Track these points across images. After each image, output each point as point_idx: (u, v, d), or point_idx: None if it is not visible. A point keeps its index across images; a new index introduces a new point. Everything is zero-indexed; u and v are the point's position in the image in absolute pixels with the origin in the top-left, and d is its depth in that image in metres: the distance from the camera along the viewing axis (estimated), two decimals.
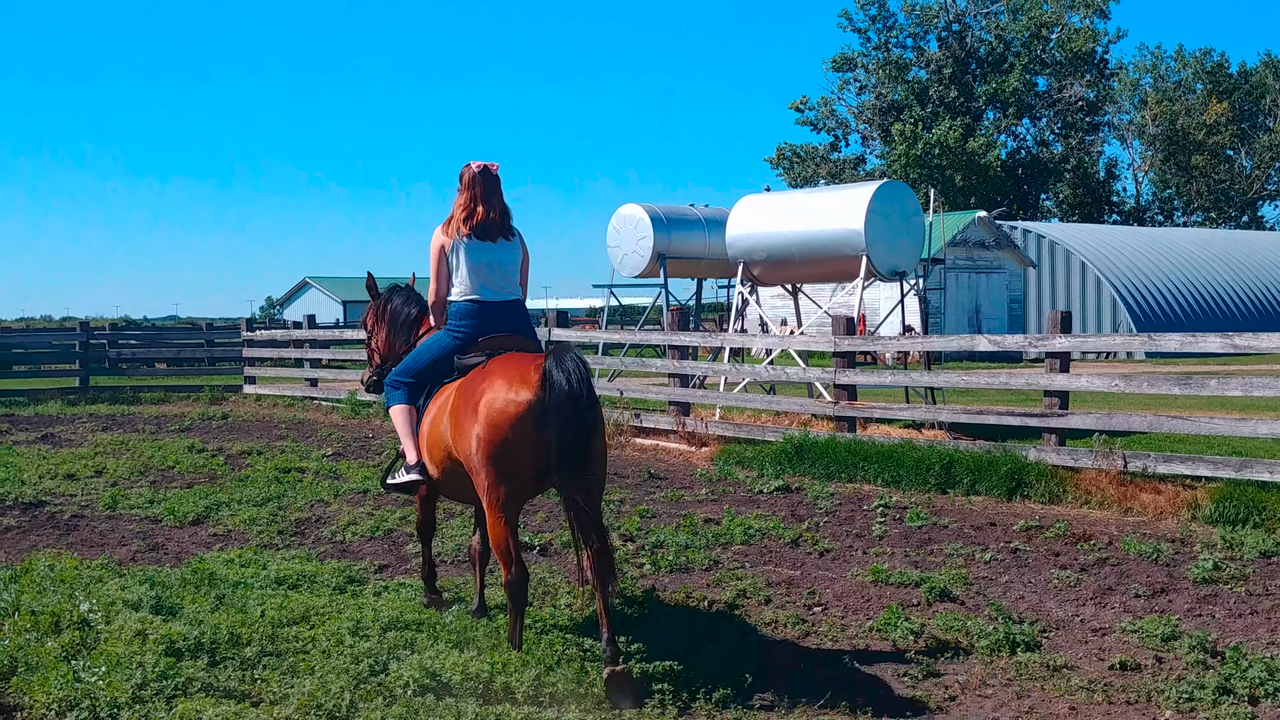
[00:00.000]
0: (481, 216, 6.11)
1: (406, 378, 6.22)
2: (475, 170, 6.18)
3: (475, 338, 6.04)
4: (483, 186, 6.15)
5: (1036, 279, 40.05)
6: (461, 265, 6.10)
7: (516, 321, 6.17)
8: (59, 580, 6.88)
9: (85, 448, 14.45)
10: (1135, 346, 10.65)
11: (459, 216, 6.15)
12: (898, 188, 16.68)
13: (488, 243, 6.11)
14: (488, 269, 6.10)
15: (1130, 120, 72.15)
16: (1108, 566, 7.71)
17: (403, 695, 5.04)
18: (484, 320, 6.07)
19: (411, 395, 6.16)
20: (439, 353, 6.14)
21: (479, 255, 6.09)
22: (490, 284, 6.11)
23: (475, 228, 6.10)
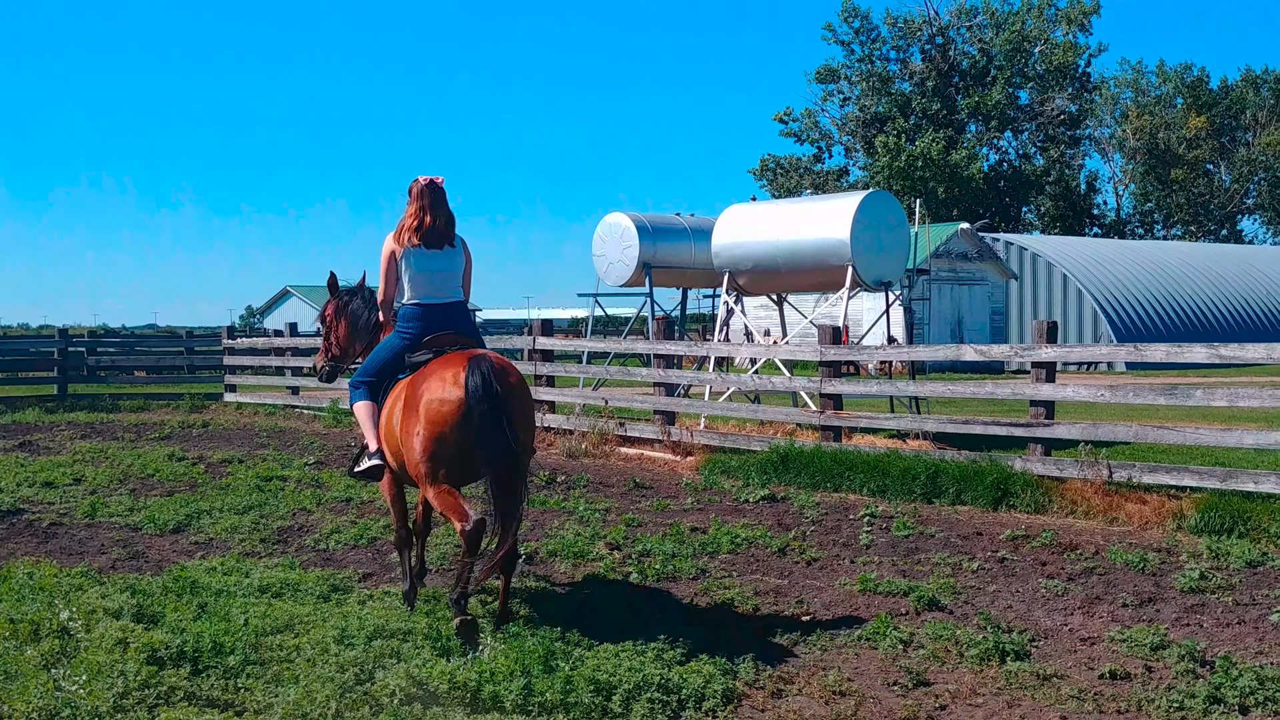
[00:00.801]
0: (429, 226, 6.64)
1: (367, 377, 6.82)
2: (423, 183, 6.71)
3: (421, 337, 6.62)
4: (430, 198, 6.68)
5: (1018, 290, 40.25)
6: (410, 271, 6.63)
7: (459, 321, 6.74)
8: (38, 588, 6.78)
9: (64, 455, 14.31)
10: (1121, 357, 10.65)
11: (409, 226, 6.66)
12: (883, 198, 16.71)
13: (434, 250, 6.66)
14: (434, 275, 6.66)
15: (1111, 134, 72.76)
16: (1095, 576, 7.70)
17: (389, 704, 4.98)
18: (429, 322, 6.65)
19: (371, 392, 6.77)
20: (391, 353, 6.73)
21: (426, 263, 6.64)
22: (435, 289, 6.68)
23: (423, 237, 6.64)
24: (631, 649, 5.75)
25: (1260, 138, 70.16)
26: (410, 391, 6.28)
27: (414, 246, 6.63)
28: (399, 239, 6.67)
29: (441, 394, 6.02)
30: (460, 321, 6.74)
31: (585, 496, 11.02)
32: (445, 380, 6.06)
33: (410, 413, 6.17)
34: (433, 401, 6.03)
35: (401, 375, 6.62)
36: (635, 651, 5.72)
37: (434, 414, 6.01)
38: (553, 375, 16.28)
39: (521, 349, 17.15)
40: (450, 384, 6.03)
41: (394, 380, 6.67)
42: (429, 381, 6.16)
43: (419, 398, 6.12)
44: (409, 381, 6.42)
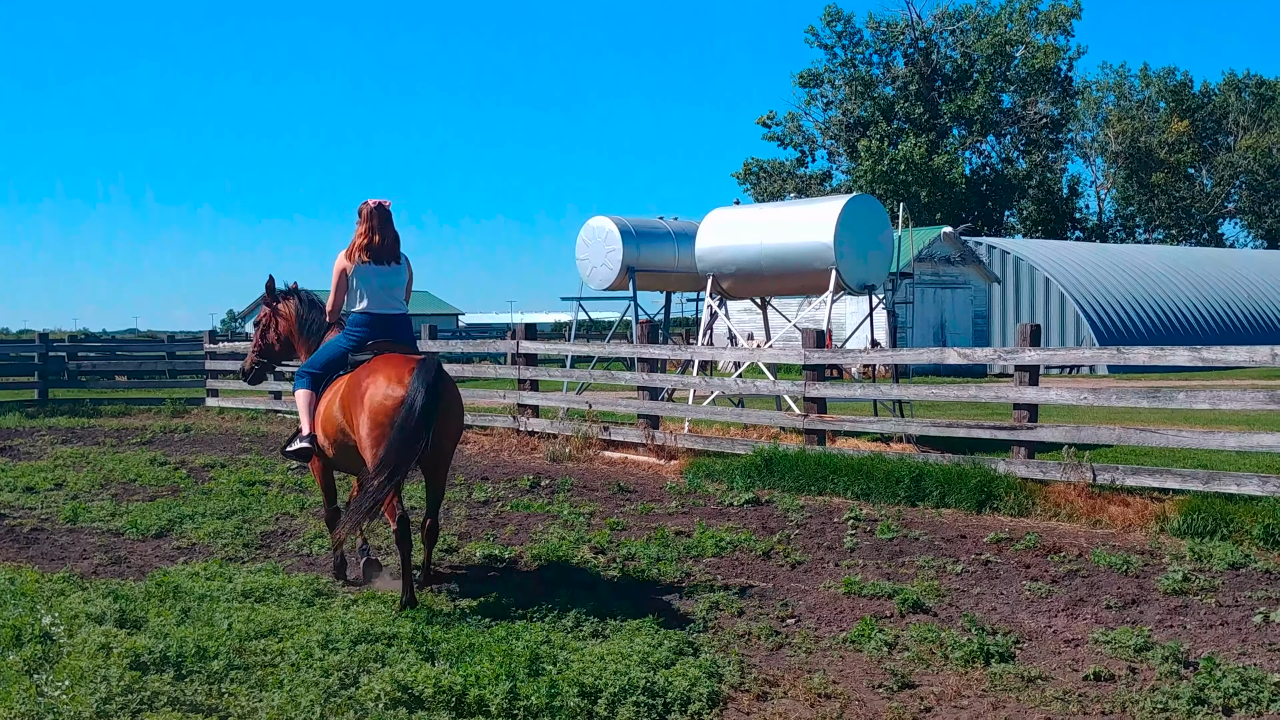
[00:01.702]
0: (378, 244, 7.42)
1: (314, 369, 7.61)
2: (373, 206, 7.47)
3: (366, 341, 7.42)
4: (379, 220, 7.45)
5: (1001, 294, 40.41)
6: (359, 285, 7.42)
7: (400, 330, 7.55)
8: (20, 593, 6.73)
9: (45, 460, 14.21)
10: (1104, 360, 10.72)
11: (359, 244, 7.41)
12: (867, 202, 16.75)
13: (381, 267, 7.43)
14: (380, 289, 7.44)
15: (1093, 138, 73.15)
16: (1078, 578, 7.73)
17: (374, 709, 4.96)
18: (374, 329, 7.44)
19: (314, 384, 7.54)
20: (337, 352, 7.54)
21: (374, 278, 7.43)
22: (382, 302, 7.46)
23: (373, 254, 7.40)
24: (617, 652, 5.75)
25: (1241, 142, 70.66)
26: (353, 387, 7.03)
27: (364, 263, 7.39)
28: (350, 256, 7.42)
29: (385, 388, 6.79)
30: (401, 331, 7.54)
31: (569, 500, 11.01)
32: (389, 376, 6.84)
33: (357, 406, 6.91)
34: (376, 392, 6.81)
35: (342, 372, 7.39)
36: (621, 654, 5.71)
37: (378, 407, 6.76)
38: (536, 379, 16.25)
39: (505, 353, 17.12)
40: (393, 380, 6.79)
41: (335, 375, 7.44)
42: (375, 375, 6.92)
43: (364, 389, 6.89)
44: (350, 378, 7.18)
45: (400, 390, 6.71)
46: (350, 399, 7.01)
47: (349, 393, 7.06)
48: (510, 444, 15.26)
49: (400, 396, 6.69)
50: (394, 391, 6.73)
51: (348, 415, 7.03)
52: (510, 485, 12.03)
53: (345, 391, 7.13)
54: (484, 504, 10.90)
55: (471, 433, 16.23)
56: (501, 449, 15.12)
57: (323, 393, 7.47)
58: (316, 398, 7.50)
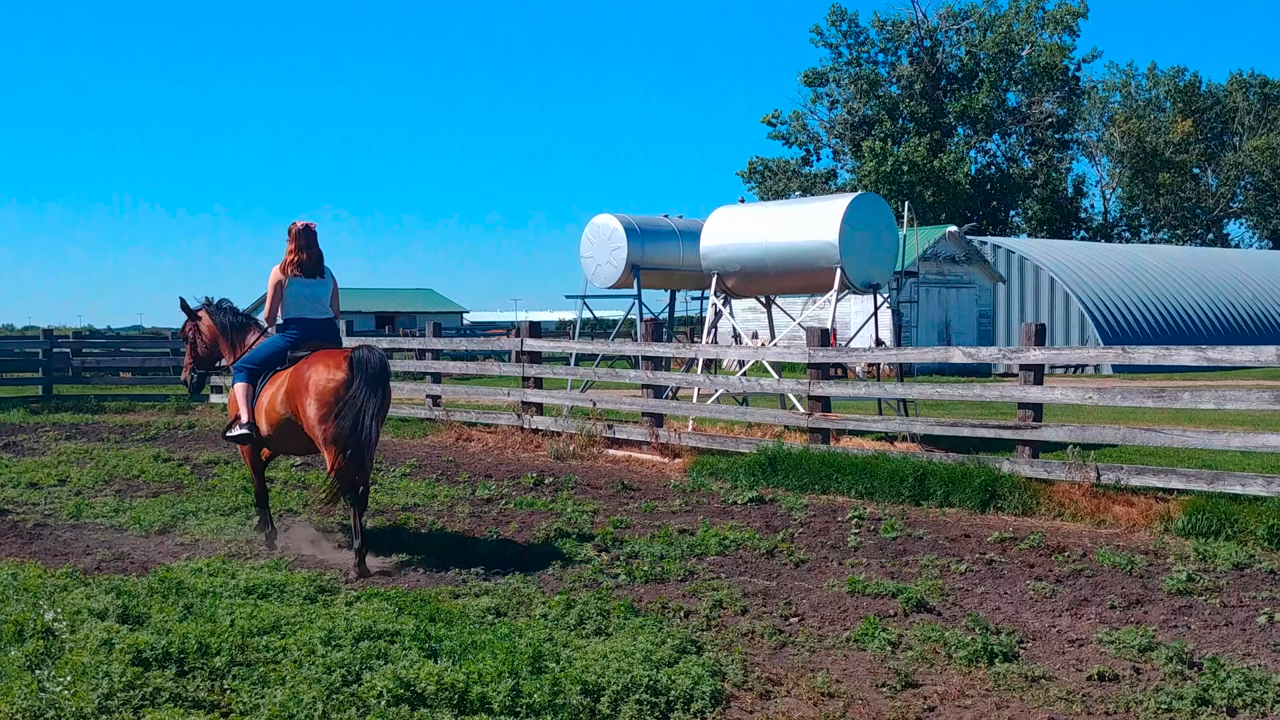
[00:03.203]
0: (305, 261, 8.65)
1: (251, 365, 8.65)
2: (300, 227, 8.70)
3: (300, 342, 8.57)
4: (305, 239, 8.70)
5: (1005, 294, 40.36)
6: (291, 295, 8.67)
7: (327, 333, 8.80)
8: (22, 589, 6.73)
9: (49, 456, 14.23)
10: (1109, 360, 10.69)
11: (290, 260, 8.65)
12: (872, 200, 16.72)
13: (310, 280, 8.68)
14: (308, 298, 8.70)
15: (1099, 137, 73.01)
16: (1082, 578, 7.71)
17: (376, 706, 4.95)
18: (305, 332, 8.65)
19: (251, 378, 8.61)
20: (274, 350, 8.64)
21: (303, 289, 8.68)
22: (310, 309, 8.71)
23: (302, 269, 8.63)
24: (620, 650, 5.74)
25: (1247, 142, 70.51)
26: (298, 374, 8.15)
27: (295, 276, 8.62)
28: (284, 271, 8.64)
29: (329, 373, 7.93)
30: (328, 334, 8.81)
31: (573, 498, 11.00)
32: (331, 365, 7.98)
33: (300, 390, 8.03)
34: (320, 378, 7.94)
35: (279, 368, 8.49)
36: (624, 652, 5.70)
37: (322, 388, 7.90)
38: (540, 377, 16.25)
39: (509, 351, 17.12)
40: (335, 367, 7.93)
41: (272, 371, 8.55)
42: (316, 366, 8.05)
43: (309, 377, 8.02)
44: (292, 371, 8.28)
45: (341, 374, 7.86)
46: (295, 388, 8.12)
47: (293, 383, 8.17)
48: (514, 441, 15.26)
49: (342, 379, 7.84)
50: (337, 375, 7.87)
51: (293, 402, 8.12)
52: (514, 483, 12.02)
53: (289, 383, 8.23)
54: (487, 501, 10.90)
55: (475, 430, 16.23)
56: (505, 446, 15.12)
57: (262, 386, 8.56)
58: (254, 390, 8.57)
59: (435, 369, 17.97)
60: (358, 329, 59.15)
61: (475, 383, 23.74)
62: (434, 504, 10.70)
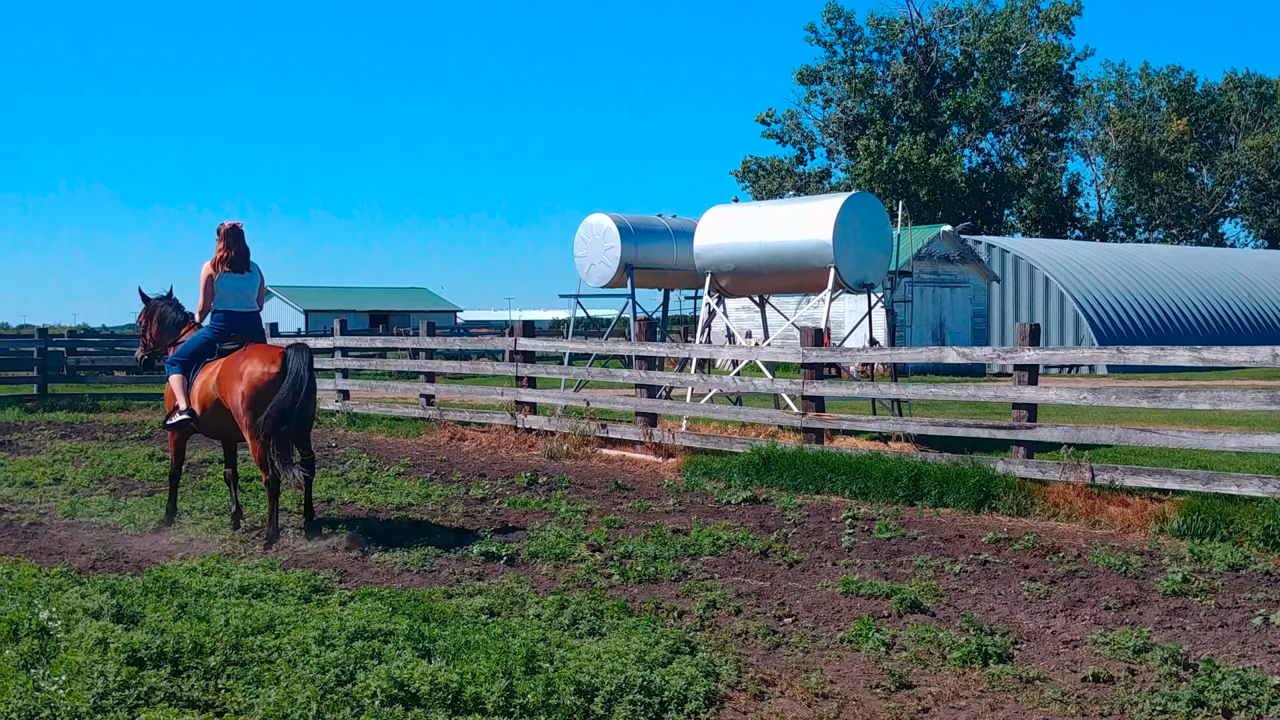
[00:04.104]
0: (233, 257, 9.37)
1: (182, 358, 9.40)
2: (228, 227, 9.41)
3: (227, 334, 9.33)
4: (233, 238, 9.40)
5: (1000, 293, 40.41)
6: (220, 289, 9.33)
7: (253, 326, 9.52)
8: (17, 588, 6.72)
9: (44, 455, 14.20)
10: (1104, 360, 10.70)
11: (220, 257, 9.35)
12: (866, 200, 16.73)
13: (236, 274, 9.37)
14: (236, 292, 9.40)
15: (1093, 137, 73.10)
16: (1077, 579, 7.72)
17: (370, 706, 4.94)
18: (231, 324, 9.37)
19: (184, 370, 9.34)
20: (203, 342, 9.37)
21: (230, 283, 9.37)
22: (237, 302, 9.41)
23: (230, 265, 9.35)
24: (614, 650, 5.74)
25: (1243, 141, 70.64)
26: (232, 365, 8.88)
27: (225, 272, 9.31)
28: (215, 267, 9.32)
29: (262, 366, 8.67)
30: (253, 325, 9.52)
31: (567, 498, 11.00)
32: (265, 359, 8.73)
33: (233, 379, 8.75)
34: (253, 370, 8.67)
35: (209, 359, 9.24)
36: (617, 653, 5.70)
37: (255, 379, 8.62)
38: (534, 376, 16.24)
39: (503, 350, 17.11)
40: (268, 362, 8.68)
41: (203, 362, 9.26)
42: (250, 359, 8.79)
43: (242, 369, 8.73)
44: (224, 362, 9.01)
45: (275, 368, 8.61)
46: (228, 377, 8.82)
47: (226, 373, 8.88)
48: (508, 441, 15.25)
49: (275, 373, 8.59)
50: (270, 369, 8.63)
51: (224, 390, 8.84)
52: (508, 482, 12.02)
53: (222, 372, 8.93)
54: (481, 501, 10.89)
55: (469, 429, 16.23)
56: (499, 446, 15.11)
57: (194, 375, 9.26)
58: (188, 380, 9.29)
59: (429, 368, 17.96)
60: (352, 327, 58.97)
61: (469, 382, 23.72)
62: (428, 503, 10.69)
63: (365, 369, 20.28)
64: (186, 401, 9.21)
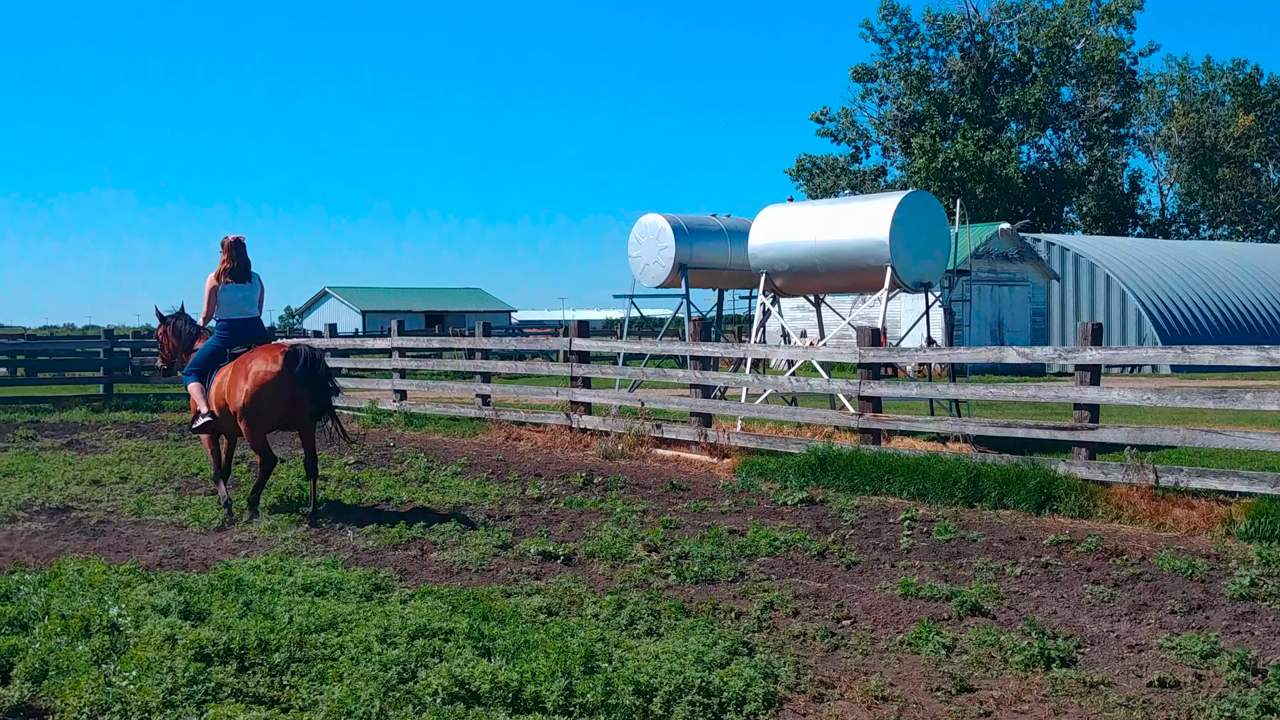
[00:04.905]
0: (235, 268, 10.15)
1: (196, 367, 10.23)
2: (230, 240, 10.20)
3: (233, 341, 10.14)
4: (235, 250, 10.19)
5: (1060, 292, 39.80)
6: (223, 299, 10.16)
7: (256, 331, 10.32)
8: (88, 584, 6.88)
9: (110, 454, 14.50)
10: (1168, 360, 10.49)
11: (223, 269, 10.14)
12: (923, 198, 16.58)
13: (238, 284, 10.18)
14: (238, 301, 10.21)
15: (1156, 132, 71.76)
16: (1141, 582, 7.60)
17: (432, 703, 5.00)
18: (235, 331, 10.19)
19: (200, 378, 10.15)
20: (211, 352, 10.22)
21: (233, 294, 10.20)
22: (239, 310, 10.22)
23: (232, 275, 10.15)
24: (672, 651, 5.75)
25: None
26: (238, 368, 9.63)
27: (227, 283, 10.12)
28: (218, 278, 10.12)
29: (266, 366, 9.42)
30: (256, 331, 10.33)
31: (622, 498, 11.03)
32: (268, 357, 9.46)
33: (239, 379, 9.53)
34: (258, 370, 9.43)
35: (222, 364, 9.97)
36: (676, 653, 5.71)
37: (259, 378, 9.39)
38: (589, 376, 16.29)
39: (558, 350, 17.18)
40: (271, 360, 9.40)
41: (216, 368, 10.01)
42: (255, 359, 9.55)
43: (248, 369, 9.49)
44: (234, 365, 9.76)
45: (275, 366, 9.34)
46: (235, 377, 9.62)
47: (234, 374, 9.66)
48: (563, 441, 15.31)
49: (275, 370, 9.33)
50: (271, 367, 9.36)
51: (233, 390, 9.60)
52: (563, 482, 12.07)
53: (232, 375, 9.69)
54: (537, 500, 10.95)
55: (525, 429, 16.32)
56: (554, 446, 15.18)
57: (211, 380, 10.02)
58: (204, 386, 10.04)
59: (485, 368, 18.08)
60: (409, 328, 59.64)
61: (524, 382, 23.86)
62: (485, 502, 10.77)
63: (422, 369, 20.48)
64: (206, 405, 9.98)
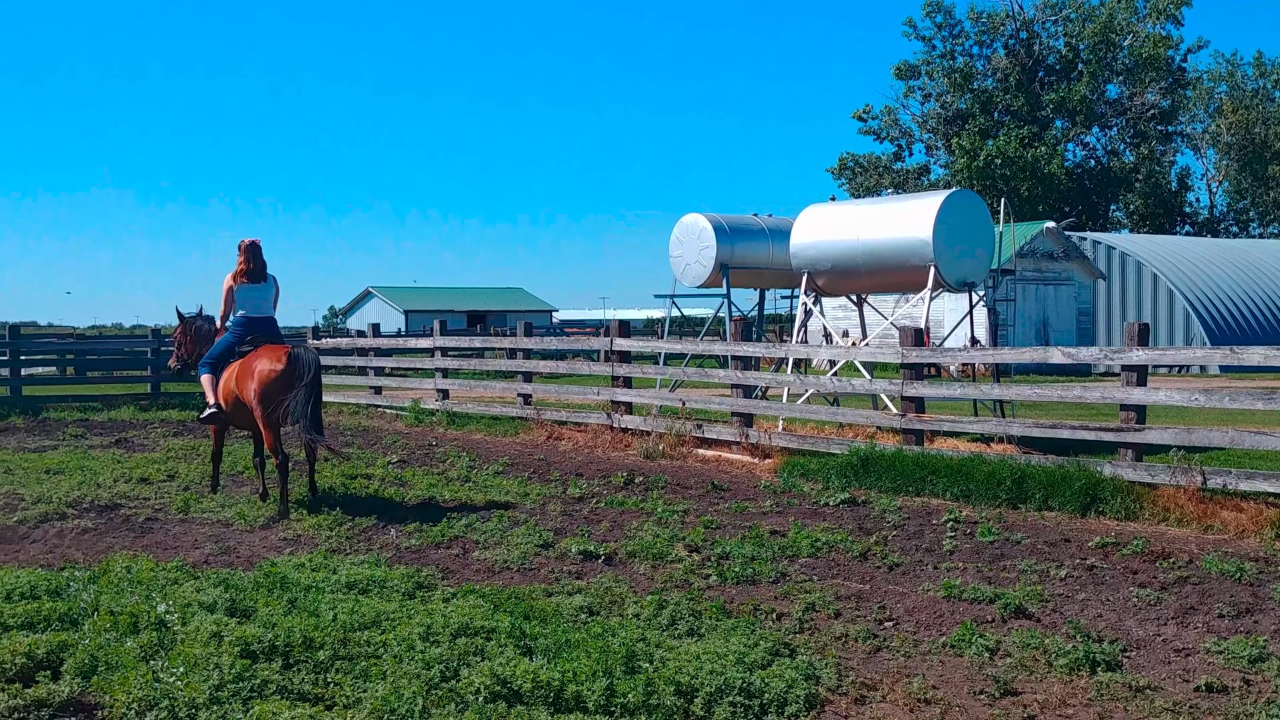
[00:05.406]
0: (251, 269, 10.74)
1: (211, 360, 10.82)
2: (247, 244, 10.76)
3: (245, 337, 10.68)
4: (251, 253, 10.75)
5: (1106, 291, 39.33)
6: (239, 297, 10.77)
7: (268, 328, 10.86)
8: (136, 581, 6.98)
9: (158, 452, 14.71)
10: (1216, 360, 10.34)
11: (240, 270, 10.74)
12: (967, 197, 16.44)
13: (255, 285, 10.77)
14: (254, 300, 10.78)
15: (1204, 129, 70.66)
16: (1189, 585, 7.50)
17: (474, 702, 5.03)
18: (250, 328, 10.74)
19: (214, 370, 10.75)
20: (226, 347, 10.77)
21: (250, 293, 10.78)
22: (255, 309, 10.80)
23: (248, 276, 10.75)
24: (713, 651, 5.74)
25: None
26: (246, 365, 10.25)
27: (244, 284, 10.72)
28: (235, 279, 10.74)
29: (270, 364, 9.97)
30: (270, 329, 10.85)
31: (663, 498, 11.03)
32: (272, 357, 10.02)
33: (248, 377, 10.10)
34: (263, 367, 10.00)
35: (233, 359, 10.57)
36: (717, 654, 5.71)
37: (265, 375, 9.95)
38: (630, 376, 16.31)
39: (599, 350, 17.20)
40: (276, 359, 9.97)
41: (228, 363, 10.63)
42: (260, 358, 10.12)
43: (254, 367, 10.08)
44: (243, 361, 10.37)
45: (280, 365, 9.90)
46: (244, 375, 10.19)
47: (243, 372, 10.24)
48: (604, 440, 15.34)
49: (280, 369, 9.88)
50: (276, 366, 9.92)
51: (241, 387, 10.18)
52: (604, 482, 12.10)
53: (240, 372, 10.30)
54: (579, 500, 10.98)
55: (566, 429, 16.37)
56: (595, 445, 15.21)
57: (221, 374, 10.60)
58: (216, 379, 10.64)
59: (526, 368, 18.15)
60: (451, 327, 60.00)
61: (565, 381, 23.92)
62: (526, 501, 10.82)
63: (464, 369, 20.58)
64: (215, 397, 10.58)
